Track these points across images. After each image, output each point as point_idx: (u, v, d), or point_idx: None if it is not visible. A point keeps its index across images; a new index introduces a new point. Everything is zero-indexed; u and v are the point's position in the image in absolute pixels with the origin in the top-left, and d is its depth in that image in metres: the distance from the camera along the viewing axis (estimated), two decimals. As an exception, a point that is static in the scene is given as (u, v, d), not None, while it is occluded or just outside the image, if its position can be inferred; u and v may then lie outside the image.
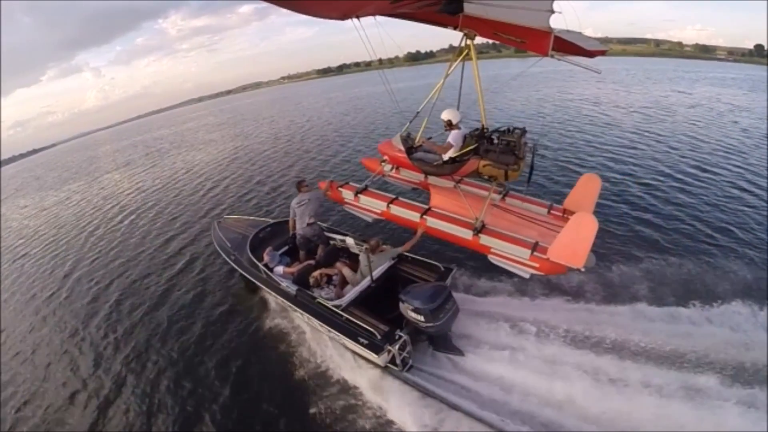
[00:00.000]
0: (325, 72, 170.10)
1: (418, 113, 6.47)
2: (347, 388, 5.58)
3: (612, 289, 6.77)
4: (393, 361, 5.16)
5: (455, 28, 5.45)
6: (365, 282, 6.07)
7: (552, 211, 6.27)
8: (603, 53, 6.06)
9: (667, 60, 65.69)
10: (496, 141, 5.52)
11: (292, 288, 6.32)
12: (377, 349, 5.06)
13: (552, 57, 4.74)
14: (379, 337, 5.17)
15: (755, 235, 8.25)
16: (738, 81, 32.80)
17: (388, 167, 7.29)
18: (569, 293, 6.62)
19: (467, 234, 5.70)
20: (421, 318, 5.05)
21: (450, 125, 5.99)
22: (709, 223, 8.81)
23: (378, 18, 5.18)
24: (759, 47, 76.12)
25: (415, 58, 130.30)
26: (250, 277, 7.20)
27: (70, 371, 7.31)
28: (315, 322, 6.00)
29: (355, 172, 14.67)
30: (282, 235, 7.93)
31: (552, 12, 4.11)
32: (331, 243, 7.50)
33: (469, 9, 4.79)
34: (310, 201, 7.12)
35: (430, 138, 6.67)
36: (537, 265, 5.08)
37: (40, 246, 15.27)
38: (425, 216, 6.18)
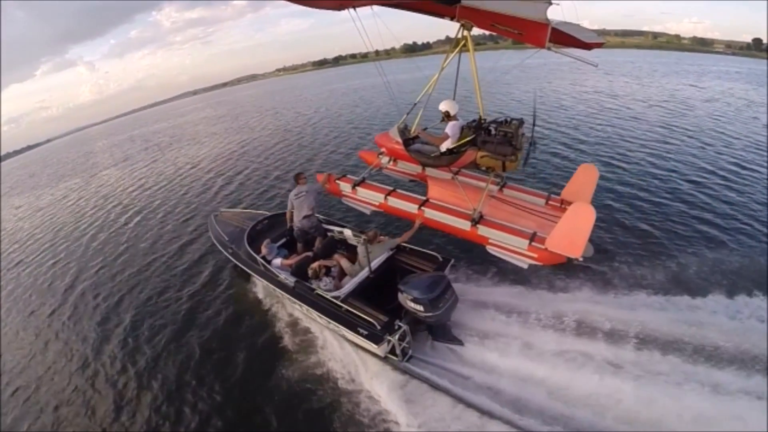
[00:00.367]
0: (321, 64, 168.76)
1: (415, 104, 6.46)
2: (346, 379, 5.60)
3: (609, 279, 6.83)
4: (393, 352, 5.19)
5: (452, 18, 5.44)
6: (363, 273, 6.09)
7: (550, 202, 6.31)
8: (600, 45, 6.07)
9: (667, 53, 65.26)
10: (493, 132, 5.53)
11: (290, 280, 6.33)
12: (377, 340, 5.08)
13: (549, 49, 4.76)
14: (379, 328, 5.20)
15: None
16: (743, 75, 32.58)
17: (385, 159, 7.28)
18: (566, 283, 6.67)
19: (465, 225, 5.72)
20: (421, 308, 5.08)
21: (447, 116, 5.99)
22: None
23: (375, 8, 5.16)
24: (757, 41, 76.08)
25: (412, 49, 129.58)
26: (248, 270, 7.21)
27: (85, 414, 6.23)
28: (314, 313, 6.02)
29: (354, 164, 14.36)
30: (279, 228, 7.95)
31: (549, 3, 4.12)
32: (329, 235, 7.50)
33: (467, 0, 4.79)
34: (307, 193, 7.13)
35: (425, 129, 6.67)
36: (535, 256, 5.12)
37: (36, 252, 14.02)
38: (423, 207, 6.20)
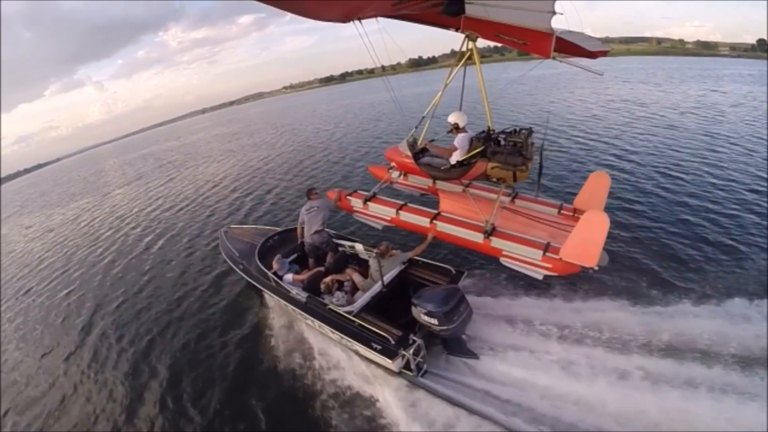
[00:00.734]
0: (328, 80, 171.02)
1: (423, 118, 6.48)
2: (361, 395, 5.51)
3: (626, 288, 6.71)
4: (407, 367, 5.11)
5: (457, 29, 5.50)
6: (376, 287, 6.05)
7: (562, 211, 6.26)
8: (605, 54, 6.08)
9: (674, 58, 65.14)
10: (503, 142, 5.52)
11: (302, 295, 6.30)
12: (391, 355, 5.01)
13: (554, 59, 4.77)
14: (393, 342, 5.13)
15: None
16: (756, 78, 31.94)
17: (395, 174, 7.30)
18: (582, 293, 6.56)
19: (478, 237, 5.69)
20: (435, 321, 5.02)
21: (457, 128, 6.00)
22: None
23: (380, 21, 5.22)
24: (762, 42, 75.54)
25: (418, 63, 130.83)
26: (259, 286, 7.20)
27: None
28: (326, 329, 5.97)
29: (364, 180, 14.19)
30: (290, 243, 7.95)
31: (553, 13, 4.12)
32: (340, 250, 7.49)
33: (471, 10, 4.83)
34: (319, 209, 7.16)
35: (432, 141, 6.68)
36: (550, 266, 5.06)
37: (48, 279, 12.77)
38: (435, 221, 6.20)
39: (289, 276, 6.90)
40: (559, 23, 4.34)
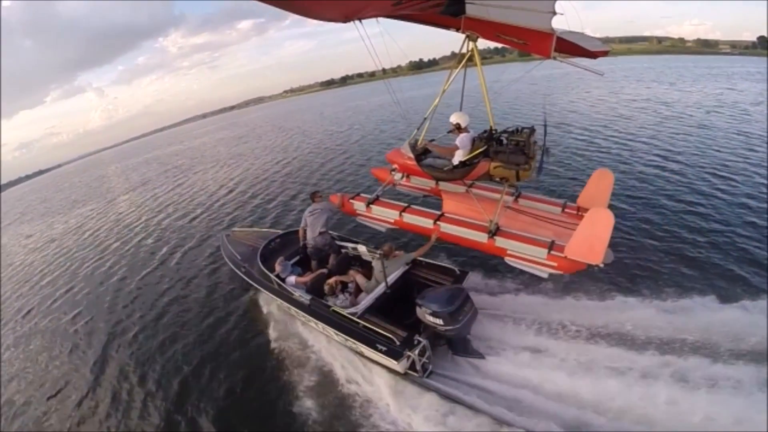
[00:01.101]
0: (329, 84, 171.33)
1: (425, 119, 6.48)
2: (366, 396, 5.51)
3: (630, 284, 6.71)
4: (413, 367, 5.07)
5: (458, 30, 5.51)
6: (380, 288, 6.04)
7: (566, 210, 6.25)
8: (606, 54, 6.09)
9: (677, 57, 64.64)
10: (505, 142, 5.52)
11: (305, 297, 6.29)
12: (396, 356, 4.98)
13: (554, 59, 4.77)
14: (398, 343, 5.10)
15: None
16: (764, 75, 31.21)
17: (398, 176, 7.30)
18: (588, 291, 6.51)
19: (482, 237, 5.69)
20: (440, 321, 5.00)
21: (459, 128, 6.00)
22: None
23: (381, 23, 5.24)
24: (762, 39, 75.33)
25: (419, 66, 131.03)
26: (262, 289, 7.20)
27: None
28: (330, 331, 5.96)
29: (370, 183, 13.58)
30: (292, 246, 7.93)
31: (554, 13, 4.12)
32: (343, 251, 7.48)
33: (472, 11, 4.83)
34: (322, 211, 7.18)
35: (432, 140, 6.68)
36: (555, 264, 5.05)
37: (50, 299, 11.44)
38: (439, 222, 6.19)
39: (292, 278, 6.88)
40: (560, 23, 4.35)
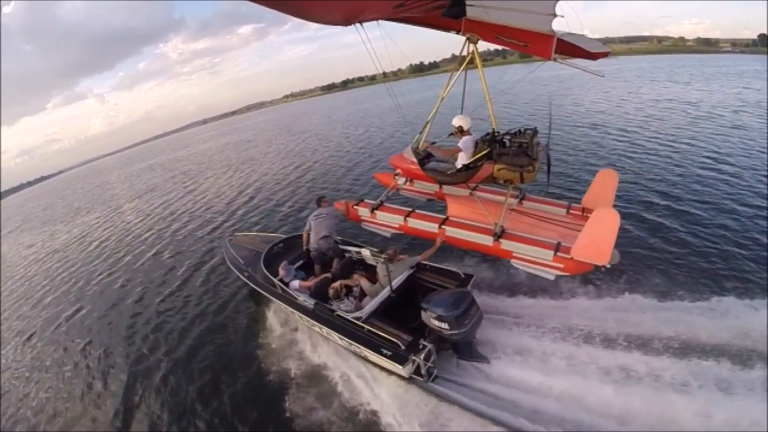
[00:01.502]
0: (330, 88, 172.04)
1: (427, 123, 6.47)
2: (370, 401, 5.43)
3: (639, 286, 6.61)
4: (418, 372, 5.04)
5: (458, 32, 5.53)
6: (384, 292, 6.00)
7: (571, 211, 6.24)
8: (606, 55, 6.09)
9: (681, 56, 64.67)
10: (508, 144, 5.50)
11: (309, 302, 6.25)
12: (402, 360, 4.95)
13: (555, 60, 4.77)
14: (403, 348, 5.07)
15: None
16: None
17: (401, 180, 7.29)
18: (594, 292, 6.47)
19: (488, 240, 5.67)
20: (446, 325, 4.96)
21: (461, 131, 5.99)
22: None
23: (381, 26, 5.26)
24: (763, 37, 75.25)
25: (420, 69, 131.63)
26: (265, 293, 7.15)
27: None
28: (335, 335, 5.92)
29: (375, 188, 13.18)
30: (295, 250, 7.90)
31: (554, 15, 4.12)
32: (347, 255, 7.45)
33: (472, 13, 4.84)
34: (327, 216, 7.19)
35: (434, 143, 6.68)
36: (561, 266, 5.03)
37: (54, 322, 10.05)
38: (444, 226, 6.19)
39: (296, 283, 6.85)
40: (560, 26, 4.35)
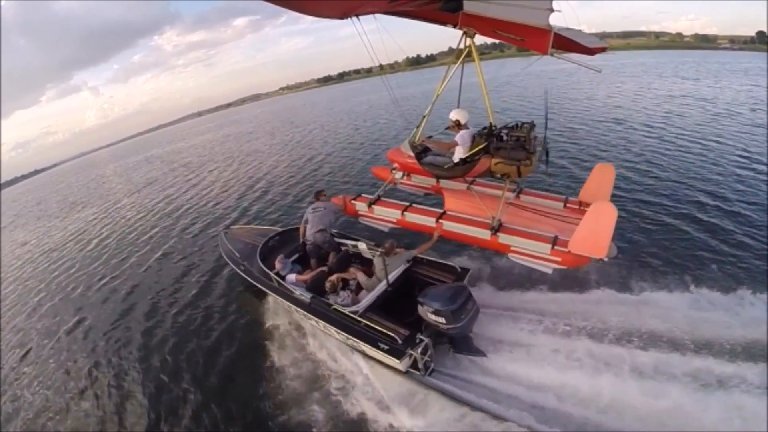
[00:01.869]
0: (326, 80, 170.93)
1: (424, 117, 6.45)
2: (367, 395, 5.46)
3: (636, 280, 6.65)
4: (415, 366, 5.06)
5: (455, 26, 5.49)
6: (381, 286, 6.00)
7: (568, 205, 6.26)
8: (603, 50, 6.08)
9: (680, 52, 64.70)
10: (505, 138, 5.49)
11: (306, 296, 6.24)
12: (399, 354, 4.96)
13: (552, 55, 4.77)
14: (400, 342, 5.08)
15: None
16: None
17: (399, 175, 7.28)
18: (592, 286, 6.50)
19: (485, 234, 5.67)
20: (442, 320, 4.98)
21: (458, 125, 5.96)
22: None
23: (378, 19, 5.26)
24: (761, 34, 75.31)
25: (417, 62, 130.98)
26: (261, 287, 7.15)
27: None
28: (332, 329, 5.93)
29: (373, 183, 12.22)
30: (291, 243, 7.89)
31: (551, 10, 4.11)
32: (343, 249, 7.44)
33: (469, 7, 4.84)
34: (325, 209, 7.18)
35: (430, 137, 6.67)
36: (559, 259, 5.03)
37: (53, 336, 9.08)
38: (441, 220, 6.17)
39: (292, 276, 6.86)
40: (557, 20, 4.34)
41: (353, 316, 5.61)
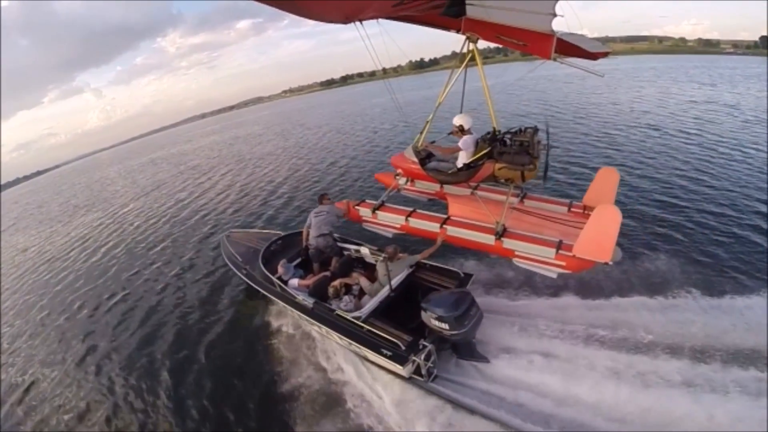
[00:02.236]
0: (329, 84, 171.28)
1: (427, 122, 6.45)
2: (370, 400, 5.43)
3: (642, 284, 6.60)
4: (418, 372, 5.02)
5: (458, 31, 5.51)
6: (384, 291, 5.97)
7: (572, 209, 6.24)
8: (606, 55, 6.08)
9: (687, 57, 64.10)
10: (509, 142, 5.48)
11: (308, 301, 6.21)
12: (402, 361, 4.92)
13: (555, 60, 4.74)
14: (403, 348, 5.04)
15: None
16: None
17: (402, 180, 7.28)
18: (596, 291, 6.45)
19: (489, 239, 5.66)
20: (446, 326, 4.95)
21: (462, 130, 5.95)
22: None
23: (381, 23, 5.22)
24: (764, 39, 75.28)
25: (420, 65, 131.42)
26: (263, 291, 7.11)
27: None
28: (334, 335, 5.89)
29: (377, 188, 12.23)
30: (294, 248, 7.85)
31: (554, 15, 4.09)
32: (345, 254, 7.42)
33: (472, 12, 4.82)
34: (328, 213, 7.16)
35: (433, 142, 6.66)
36: (564, 264, 5.02)
37: (56, 366, 8.00)
38: (445, 225, 6.17)
39: (295, 281, 6.82)
40: (559, 25, 4.33)
41: (356, 321, 5.58)
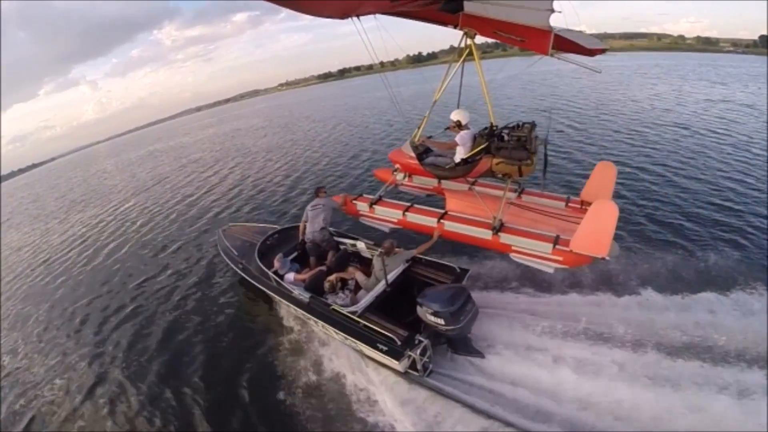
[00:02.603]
0: (326, 77, 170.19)
1: (425, 117, 6.43)
2: (365, 395, 5.44)
3: (638, 280, 6.58)
4: (413, 367, 5.02)
5: (455, 26, 5.49)
6: (380, 286, 5.96)
7: (569, 204, 6.28)
8: (603, 52, 6.10)
9: (688, 54, 63.95)
10: (506, 138, 5.48)
11: (304, 295, 6.21)
12: (397, 355, 4.93)
13: (552, 56, 4.76)
14: (399, 343, 5.04)
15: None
16: None
17: (400, 176, 7.27)
18: (593, 286, 6.46)
19: (487, 234, 5.66)
20: (441, 321, 4.96)
21: (459, 125, 5.94)
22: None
23: (378, 18, 5.23)
24: (764, 38, 75.39)
25: (418, 59, 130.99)
26: (259, 286, 7.11)
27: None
28: (330, 330, 5.90)
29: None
30: (290, 242, 7.84)
31: (552, 11, 4.09)
32: (341, 248, 7.42)
33: (469, 7, 4.84)
34: (324, 207, 7.14)
35: (430, 137, 6.65)
36: (561, 259, 5.03)
37: (59, 394, 6.99)
38: (442, 220, 6.16)
39: (291, 275, 6.81)
40: (557, 21, 4.32)
41: (352, 316, 5.58)
